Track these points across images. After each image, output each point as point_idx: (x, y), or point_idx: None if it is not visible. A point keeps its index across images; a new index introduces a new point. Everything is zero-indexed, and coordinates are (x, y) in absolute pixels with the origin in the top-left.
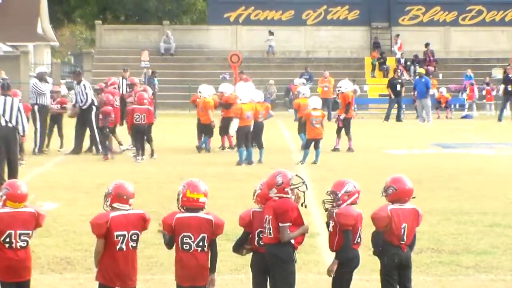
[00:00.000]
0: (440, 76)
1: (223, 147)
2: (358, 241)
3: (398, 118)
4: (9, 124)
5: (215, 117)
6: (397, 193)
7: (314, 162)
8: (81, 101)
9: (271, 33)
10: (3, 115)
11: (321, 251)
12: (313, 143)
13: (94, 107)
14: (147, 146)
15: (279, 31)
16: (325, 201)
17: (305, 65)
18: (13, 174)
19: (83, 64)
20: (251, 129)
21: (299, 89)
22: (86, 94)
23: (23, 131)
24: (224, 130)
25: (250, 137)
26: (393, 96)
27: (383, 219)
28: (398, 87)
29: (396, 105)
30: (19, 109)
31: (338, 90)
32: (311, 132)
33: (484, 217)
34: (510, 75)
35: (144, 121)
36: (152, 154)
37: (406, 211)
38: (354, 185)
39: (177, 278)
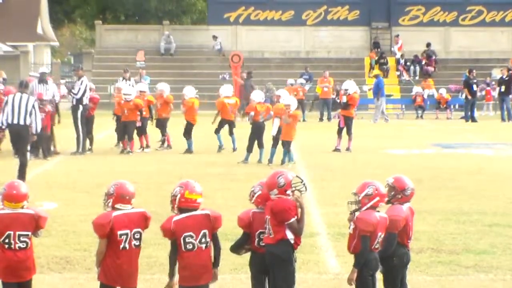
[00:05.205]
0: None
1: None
2: (377, 246)
3: (473, 119)
4: (21, 122)
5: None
6: (412, 193)
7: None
8: (75, 93)
9: (215, 38)
10: (19, 112)
11: (320, 251)
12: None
13: (81, 106)
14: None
15: (279, 31)
16: (349, 202)
17: (305, 65)
18: (21, 171)
19: (82, 64)
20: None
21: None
22: (79, 88)
23: (36, 130)
24: (142, 131)
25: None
26: (469, 97)
27: (402, 221)
28: (475, 87)
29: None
30: (34, 108)
31: (346, 91)
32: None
33: (484, 217)
34: (504, 76)
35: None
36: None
37: (409, 210)
38: (377, 188)
39: (181, 279)
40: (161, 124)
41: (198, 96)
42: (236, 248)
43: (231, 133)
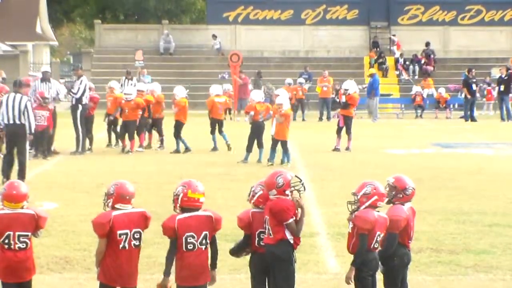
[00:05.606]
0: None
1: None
2: (376, 246)
3: (473, 118)
4: (17, 121)
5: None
6: (413, 192)
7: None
8: (74, 93)
9: (214, 37)
10: (13, 112)
11: (320, 251)
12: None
13: (80, 106)
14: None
15: (278, 31)
16: (349, 202)
17: (304, 64)
18: (20, 171)
19: (82, 64)
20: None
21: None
22: (79, 88)
23: (30, 129)
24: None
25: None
26: (469, 96)
27: (403, 221)
28: (474, 86)
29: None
30: (26, 107)
31: (346, 91)
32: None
33: (484, 217)
34: (503, 75)
35: (44, 122)
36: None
37: (410, 210)
38: (375, 187)
39: (178, 279)
40: (156, 124)
41: (188, 96)
42: (237, 251)
43: (220, 131)
